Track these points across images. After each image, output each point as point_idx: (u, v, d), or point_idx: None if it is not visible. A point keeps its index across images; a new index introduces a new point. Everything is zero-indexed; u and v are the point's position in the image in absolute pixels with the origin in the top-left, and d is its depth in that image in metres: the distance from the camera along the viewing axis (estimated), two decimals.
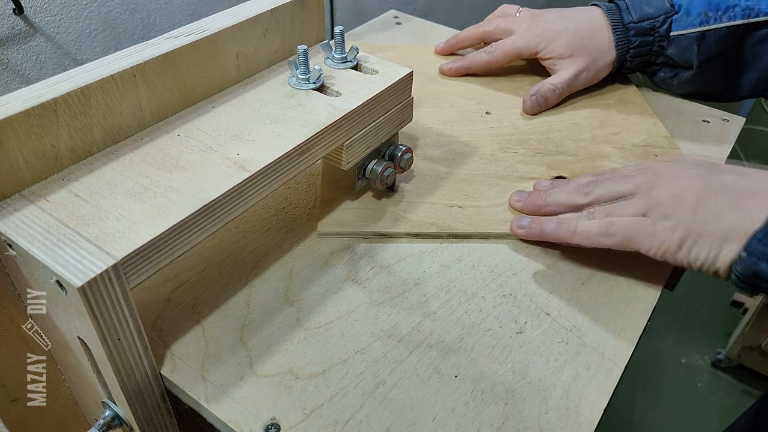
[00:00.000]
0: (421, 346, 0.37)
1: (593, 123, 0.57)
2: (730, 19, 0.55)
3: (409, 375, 0.35)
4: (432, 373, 0.36)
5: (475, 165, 0.51)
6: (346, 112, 0.39)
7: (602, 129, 0.56)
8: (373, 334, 0.38)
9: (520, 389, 0.35)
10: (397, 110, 0.44)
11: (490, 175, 0.50)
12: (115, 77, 0.35)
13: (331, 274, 0.41)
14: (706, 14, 0.56)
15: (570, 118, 0.58)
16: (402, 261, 0.43)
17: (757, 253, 0.34)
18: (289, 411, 0.33)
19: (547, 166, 0.51)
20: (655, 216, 0.39)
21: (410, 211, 0.46)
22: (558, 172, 0.50)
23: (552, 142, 0.54)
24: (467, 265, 0.42)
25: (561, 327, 0.39)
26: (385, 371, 0.36)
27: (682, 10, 0.57)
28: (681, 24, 0.57)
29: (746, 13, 0.55)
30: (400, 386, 0.35)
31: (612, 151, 0.53)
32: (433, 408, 0.34)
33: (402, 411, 0.34)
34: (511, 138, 0.55)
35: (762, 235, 0.34)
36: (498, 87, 0.63)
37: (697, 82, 0.60)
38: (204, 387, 0.34)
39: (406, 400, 0.34)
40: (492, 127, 0.56)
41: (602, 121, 0.57)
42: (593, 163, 0.52)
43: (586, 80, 0.61)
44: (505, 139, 0.55)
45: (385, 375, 0.35)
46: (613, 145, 0.54)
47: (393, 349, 0.37)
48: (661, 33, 0.58)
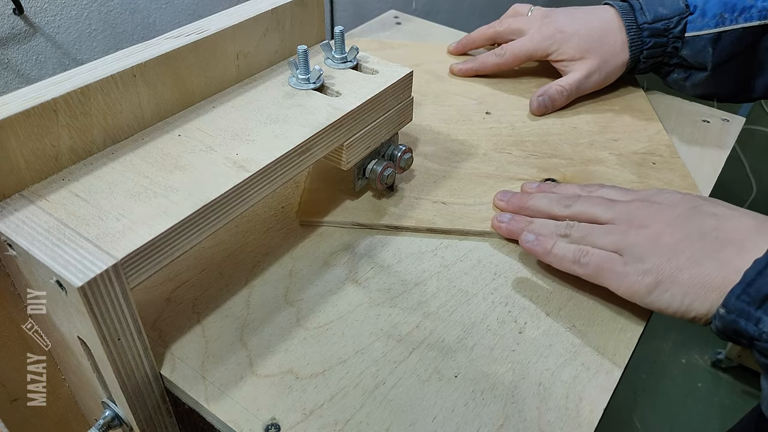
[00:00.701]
0: (421, 346, 0.37)
1: (594, 128, 0.57)
2: (746, 20, 0.55)
3: (409, 375, 0.35)
4: (432, 373, 0.36)
5: (467, 164, 0.51)
6: (346, 112, 0.39)
7: (602, 134, 0.56)
8: (373, 334, 0.38)
9: (520, 389, 0.35)
10: (397, 110, 0.44)
11: (480, 174, 0.50)
12: (115, 77, 0.34)
13: (331, 274, 0.41)
14: (722, 15, 0.55)
15: (571, 122, 0.58)
16: (402, 261, 0.43)
17: (735, 311, 0.33)
18: (289, 411, 0.33)
19: (539, 168, 0.51)
20: (628, 256, 0.38)
21: (393, 204, 0.47)
22: (549, 175, 0.50)
23: (548, 145, 0.54)
24: (468, 265, 0.42)
25: (561, 327, 0.39)
26: (385, 371, 0.36)
27: (698, 11, 0.56)
28: (696, 25, 0.56)
29: (763, 14, 0.54)
30: (400, 386, 0.35)
31: (608, 157, 0.53)
32: (433, 408, 0.34)
33: (402, 411, 0.34)
34: (507, 139, 0.55)
35: (739, 290, 0.33)
36: (503, 88, 0.63)
37: (710, 83, 0.59)
38: (204, 387, 0.34)
39: (406, 400, 0.34)
40: (491, 127, 0.56)
41: (604, 127, 0.57)
42: (587, 167, 0.51)
43: (597, 82, 0.60)
44: (501, 140, 0.55)
45: (385, 375, 0.35)
46: (610, 151, 0.54)
47: (393, 349, 0.37)
48: (676, 34, 0.57)
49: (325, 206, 0.46)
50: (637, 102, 0.61)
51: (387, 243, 0.44)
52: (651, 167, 0.52)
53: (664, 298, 0.36)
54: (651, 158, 0.53)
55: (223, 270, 0.41)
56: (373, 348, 0.37)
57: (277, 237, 0.44)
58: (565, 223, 0.42)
